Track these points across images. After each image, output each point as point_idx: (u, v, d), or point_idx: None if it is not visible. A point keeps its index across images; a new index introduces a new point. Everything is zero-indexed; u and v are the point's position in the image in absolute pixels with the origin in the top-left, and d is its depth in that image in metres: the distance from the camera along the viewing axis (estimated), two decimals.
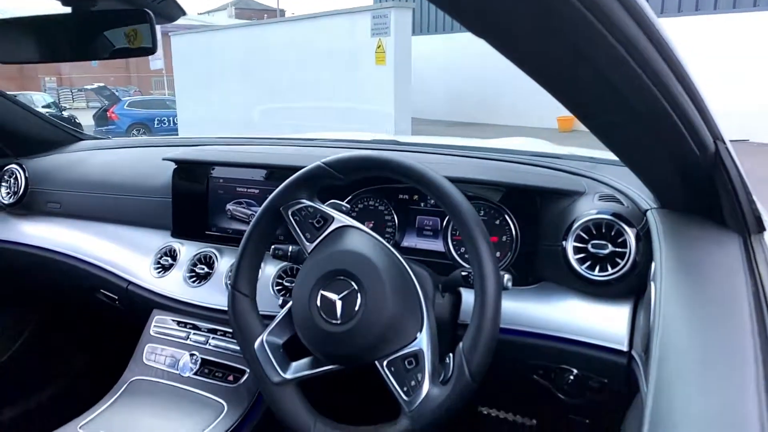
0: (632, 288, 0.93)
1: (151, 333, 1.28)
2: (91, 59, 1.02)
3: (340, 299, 0.86)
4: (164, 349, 1.25)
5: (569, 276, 0.97)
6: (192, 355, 1.22)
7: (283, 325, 0.94)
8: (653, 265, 0.76)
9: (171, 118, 13.40)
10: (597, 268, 0.94)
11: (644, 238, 0.91)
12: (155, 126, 14.19)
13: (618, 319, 0.93)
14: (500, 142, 1.71)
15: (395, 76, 7.17)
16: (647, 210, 0.92)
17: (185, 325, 1.26)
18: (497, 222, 1.07)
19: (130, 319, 1.36)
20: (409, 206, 1.16)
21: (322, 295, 0.87)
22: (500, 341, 0.94)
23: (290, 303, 0.93)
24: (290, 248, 1.02)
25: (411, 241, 1.16)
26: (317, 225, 0.93)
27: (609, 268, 0.93)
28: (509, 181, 1.06)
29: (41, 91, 20.63)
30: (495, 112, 14.02)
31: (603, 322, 0.94)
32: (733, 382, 0.47)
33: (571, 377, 0.97)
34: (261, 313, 1.00)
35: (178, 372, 1.21)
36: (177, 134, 10.68)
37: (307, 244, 0.93)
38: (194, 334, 1.24)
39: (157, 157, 1.42)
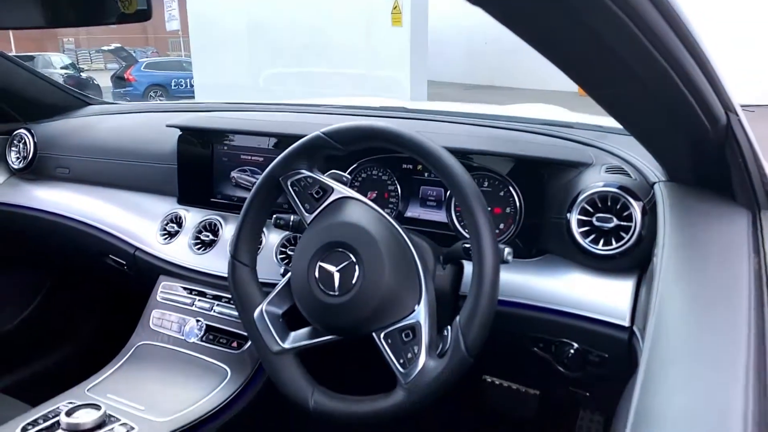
0: (637, 262, 0.91)
1: (158, 299, 1.30)
2: (90, 24, 1.01)
3: (338, 271, 0.85)
4: (170, 315, 1.26)
5: (573, 249, 0.95)
6: (197, 321, 1.23)
7: (282, 296, 0.94)
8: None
9: (188, 80, 13.33)
10: (601, 242, 0.92)
11: (650, 211, 0.89)
12: (172, 88, 14.16)
13: (621, 293, 0.91)
14: (513, 108, 1.67)
15: (411, 37, 7.02)
16: (655, 183, 0.90)
17: (191, 291, 1.27)
18: (501, 193, 1.05)
19: (138, 284, 1.38)
20: (413, 176, 1.14)
21: (320, 266, 0.87)
22: (501, 313, 0.94)
23: (289, 273, 0.93)
24: (291, 218, 1.02)
25: (414, 212, 1.14)
26: (316, 196, 0.92)
27: (613, 242, 0.91)
28: (513, 152, 1.04)
29: (59, 52, 20.64)
30: (514, 75, 13.73)
31: (605, 297, 0.93)
32: (722, 372, 0.46)
33: (572, 351, 0.96)
34: (263, 281, 1.00)
35: (183, 337, 1.22)
36: (194, 97, 10.65)
37: (306, 215, 0.92)
38: (199, 300, 1.25)
39: (164, 122, 1.41)
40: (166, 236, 1.35)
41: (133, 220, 1.42)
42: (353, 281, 0.84)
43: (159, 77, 14.24)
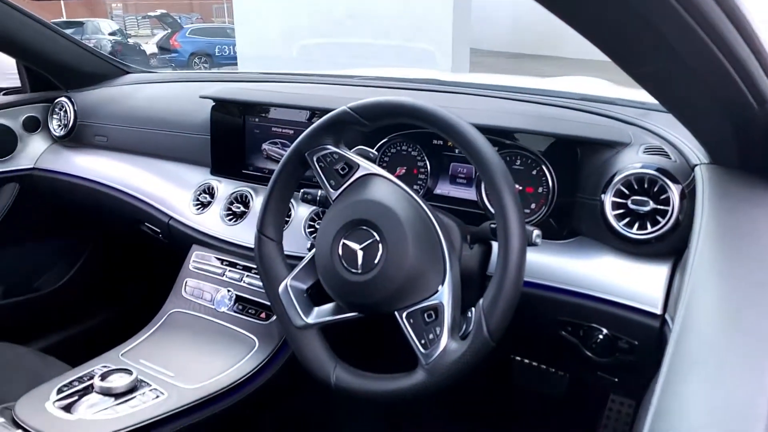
0: (672, 248, 0.88)
1: (190, 268, 1.32)
2: None
3: (361, 249, 0.84)
4: (202, 284, 1.29)
5: (606, 232, 0.92)
6: (228, 291, 1.25)
7: (307, 271, 0.94)
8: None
9: (231, 47, 13.38)
10: (636, 226, 0.89)
11: (689, 195, 0.85)
12: (216, 54, 14.25)
13: (654, 280, 0.88)
14: (554, 82, 1.61)
15: (454, 3, 6.83)
16: (696, 165, 0.86)
17: (222, 261, 1.29)
18: (534, 172, 1.02)
19: (172, 252, 1.40)
20: (443, 152, 1.12)
21: (343, 244, 0.86)
22: (528, 295, 0.92)
23: (314, 249, 0.93)
24: (319, 193, 1.01)
25: (444, 189, 1.12)
26: (342, 172, 0.91)
27: (649, 227, 0.88)
28: (546, 129, 1.00)
29: (108, 18, 20.94)
30: (563, 44, 13.22)
31: (638, 283, 0.89)
32: (749, 376, 0.43)
33: (600, 336, 0.94)
34: (291, 254, 1.00)
35: (213, 307, 1.24)
36: (237, 64, 10.69)
37: (332, 191, 0.91)
38: (230, 271, 1.27)
39: (199, 92, 1.41)
40: (199, 206, 1.37)
41: (168, 189, 1.44)
42: (376, 260, 0.83)
43: (203, 44, 14.33)
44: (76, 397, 1.00)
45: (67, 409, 0.98)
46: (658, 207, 0.87)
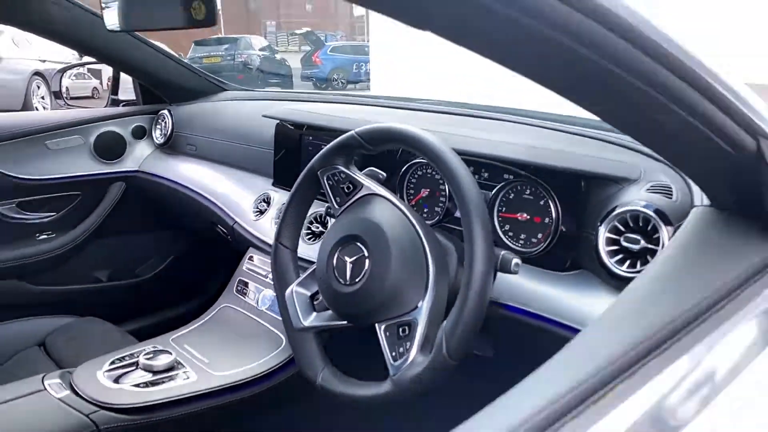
0: None
1: (244, 268, 1.46)
2: (164, 29, 1.09)
3: (351, 262, 0.92)
4: (250, 284, 1.42)
5: (599, 268, 0.91)
6: (270, 293, 1.37)
7: (311, 278, 1.03)
8: None
9: (365, 64, 14.04)
10: (627, 263, 0.87)
11: None
12: (353, 71, 14.99)
13: None
14: None
15: None
16: (695, 207, 0.83)
17: (268, 265, 1.41)
18: (542, 203, 1.03)
19: (237, 253, 1.55)
20: None
21: (338, 256, 0.94)
22: (525, 324, 0.93)
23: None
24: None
25: None
26: (347, 191, 0.99)
27: (638, 265, 0.86)
28: (544, 162, 0.99)
29: (261, 36, 22.73)
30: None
31: None
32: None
33: None
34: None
35: (257, 306, 1.37)
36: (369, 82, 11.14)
37: (337, 207, 0.99)
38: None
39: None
40: (257, 213, 1.51)
41: (236, 195, 1.60)
42: (362, 273, 0.90)
43: (342, 60, 15.14)
44: (124, 370, 1.16)
45: (116, 379, 1.14)
46: (649, 246, 0.85)
